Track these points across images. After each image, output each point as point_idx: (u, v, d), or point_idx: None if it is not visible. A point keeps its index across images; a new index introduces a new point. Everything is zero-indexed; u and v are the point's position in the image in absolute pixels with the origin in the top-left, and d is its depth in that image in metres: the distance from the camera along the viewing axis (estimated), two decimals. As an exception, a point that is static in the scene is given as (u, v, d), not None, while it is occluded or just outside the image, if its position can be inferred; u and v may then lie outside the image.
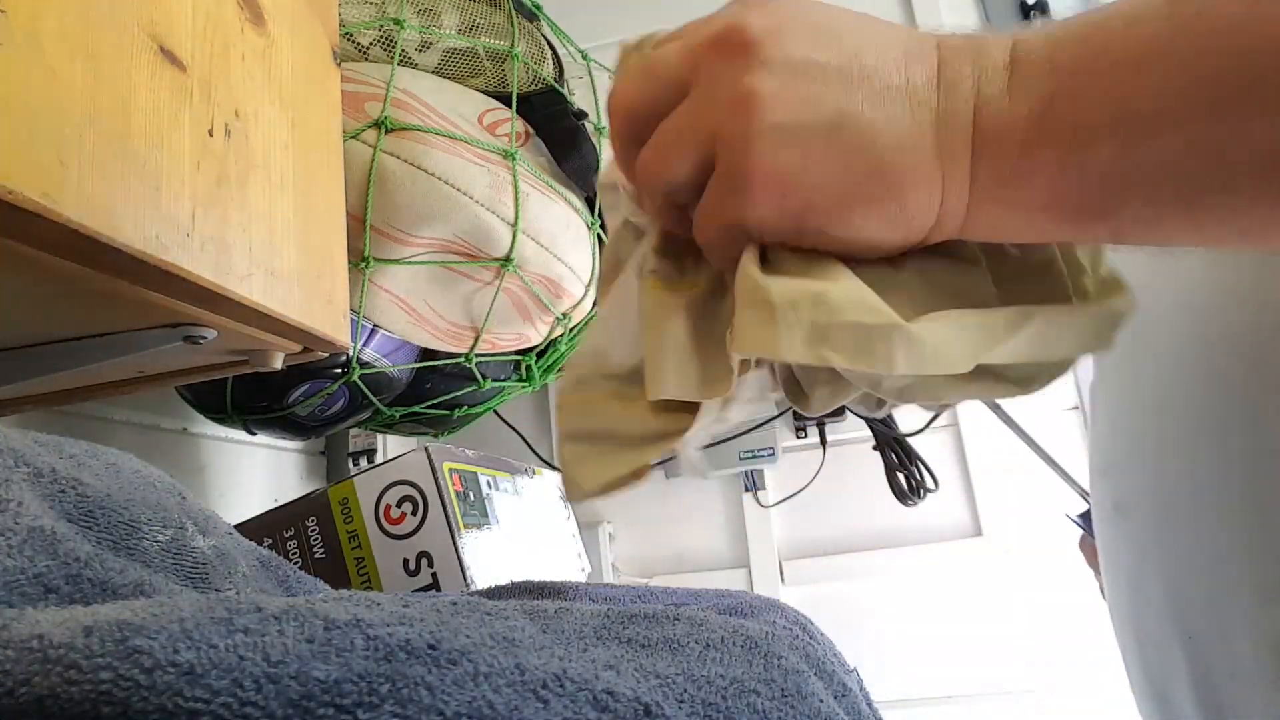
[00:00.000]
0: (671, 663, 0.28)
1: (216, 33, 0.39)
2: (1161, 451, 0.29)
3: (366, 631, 0.21)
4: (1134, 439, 0.31)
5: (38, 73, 0.28)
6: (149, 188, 0.33)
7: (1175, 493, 0.28)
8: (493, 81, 0.65)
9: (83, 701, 0.16)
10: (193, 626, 0.19)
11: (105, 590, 0.24)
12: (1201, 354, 0.27)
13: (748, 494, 1.10)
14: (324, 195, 0.48)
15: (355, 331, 0.62)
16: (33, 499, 0.25)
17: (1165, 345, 0.29)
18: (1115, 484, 0.32)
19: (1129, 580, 0.31)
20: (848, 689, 0.34)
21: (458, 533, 0.60)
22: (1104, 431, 0.33)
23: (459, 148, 0.58)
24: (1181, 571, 0.28)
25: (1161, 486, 0.29)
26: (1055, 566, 1.00)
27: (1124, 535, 0.31)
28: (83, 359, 0.39)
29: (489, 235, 0.59)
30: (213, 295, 0.37)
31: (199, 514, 0.33)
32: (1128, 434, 0.31)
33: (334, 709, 0.18)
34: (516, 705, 0.20)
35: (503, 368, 0.79)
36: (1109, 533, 0.33)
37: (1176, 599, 0.28)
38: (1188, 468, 0.27)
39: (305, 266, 0.44)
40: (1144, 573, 0.30)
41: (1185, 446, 0.27)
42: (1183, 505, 0.27)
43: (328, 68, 0.51)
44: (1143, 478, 0.30)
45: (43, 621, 0.18)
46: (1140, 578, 0.30)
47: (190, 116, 0.36)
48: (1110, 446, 0.32)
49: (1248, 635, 0.25)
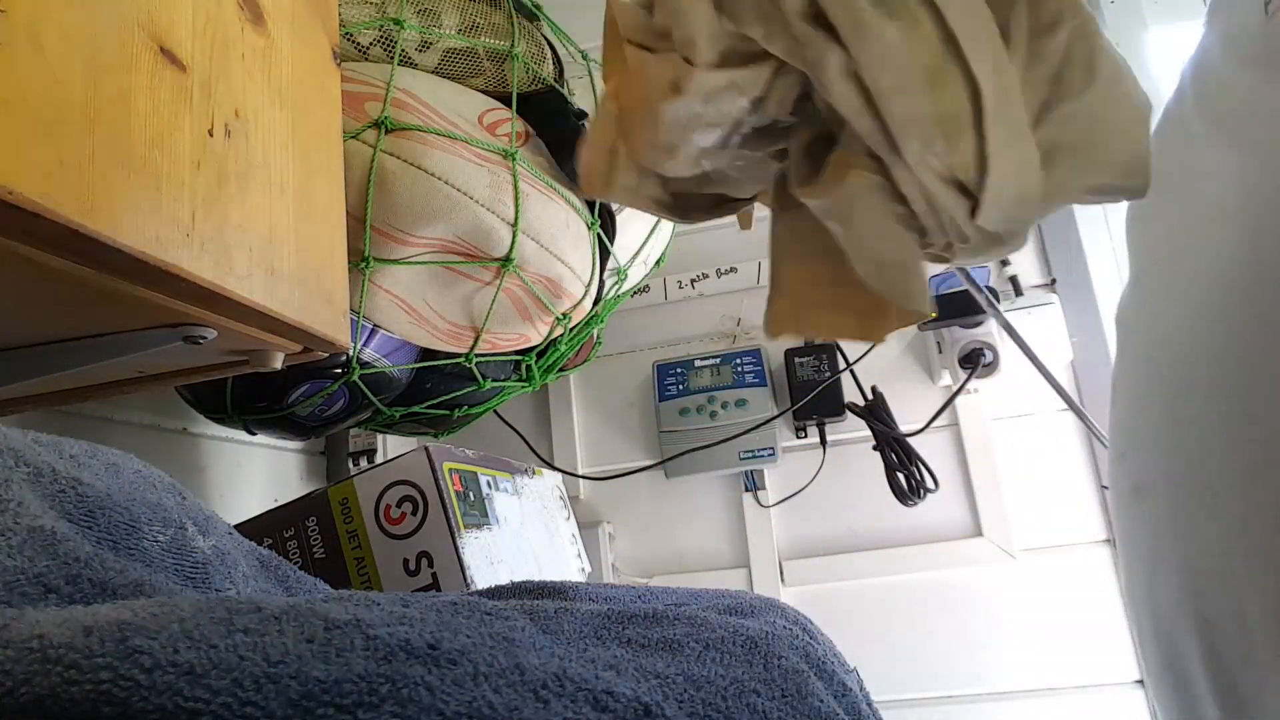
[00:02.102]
0: (671, 663, 0.28)
1: (216, 33, 0.39)
2: (1181, 432, 0.29)
3: (366, 631, 0.21)
4: (1154, 421, 0.30)
5: (38, 73, 0.28)
6: (149, 188, 0.33)
7: (1194, 473, 0.28)
8: (493, 81, 0.65)
9: (83, 701, 0.16)
10: (193, 626, 0.19)
11: (105, 590, 0.24)
12: (1224, 333, 0.27)
13: (748, 494, 1.10)
14: (324, 195, 0.48)
15: (355, 331, 0.62)
16: (33, 499, 0.25)
17: (1189, 325, 0.29)
18: (1134, 466, 0.32)
19: (1145, 564, 0.31)
20: (848, 689, 0.34)
21: (458, 533, 0.60)
22: (1124, 415, 0.33)
23: (459, 148, 0.58)
24: (1198, 552, 0.28)
25: (1181, 467, 0.29)
26: (1055, 566, 1.00)
27: (1141, 518, 0.31)
28: (83, 359, 0.39)
29: (489, 235, 0.59)
30: (213, 295, 0.37)
31: (199, 514, 0.33)
32: (1148, 416, 0.31)
33: (334, 709, 0.18)
34: (516, 705, 0.20)
35: (503, 368, 0.79)
36: (1127, 517, 0.33)
37: (1192, 580, 0.28)
38: (1207, 447, 0.27)
39: (305, 266, 0.44)
40: (1160, 555, 0.30)
41: (1206, 426, 0.27)
42: (1201, 485, 0.27)
43: (328, 68, 0.51)
44: (1164, 459, 0.30)
45: (43, 621, 0.18)
46: (1157, 561, 0.30)
47: (190, 116, 0.36)
48: (1131, 429, 0.32)
49: (1262, 614, 0.25)
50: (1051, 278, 1.07)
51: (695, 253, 1.18)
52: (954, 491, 1.04)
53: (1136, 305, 0.33)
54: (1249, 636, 0.25)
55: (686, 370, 1.11)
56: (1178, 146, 0.31)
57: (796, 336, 0.29)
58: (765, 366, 1.10)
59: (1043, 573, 1.00)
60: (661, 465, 1.09)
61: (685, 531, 1.12)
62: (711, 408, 1.08)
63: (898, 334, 1.08)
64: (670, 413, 1.10)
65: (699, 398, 1.09)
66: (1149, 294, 0.33)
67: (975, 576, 1.02)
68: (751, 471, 1.10)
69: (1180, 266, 0.30)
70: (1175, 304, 0.30)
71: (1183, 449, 0.28)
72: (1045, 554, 1.00)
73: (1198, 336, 0.28)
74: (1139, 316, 0.33)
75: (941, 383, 1.06)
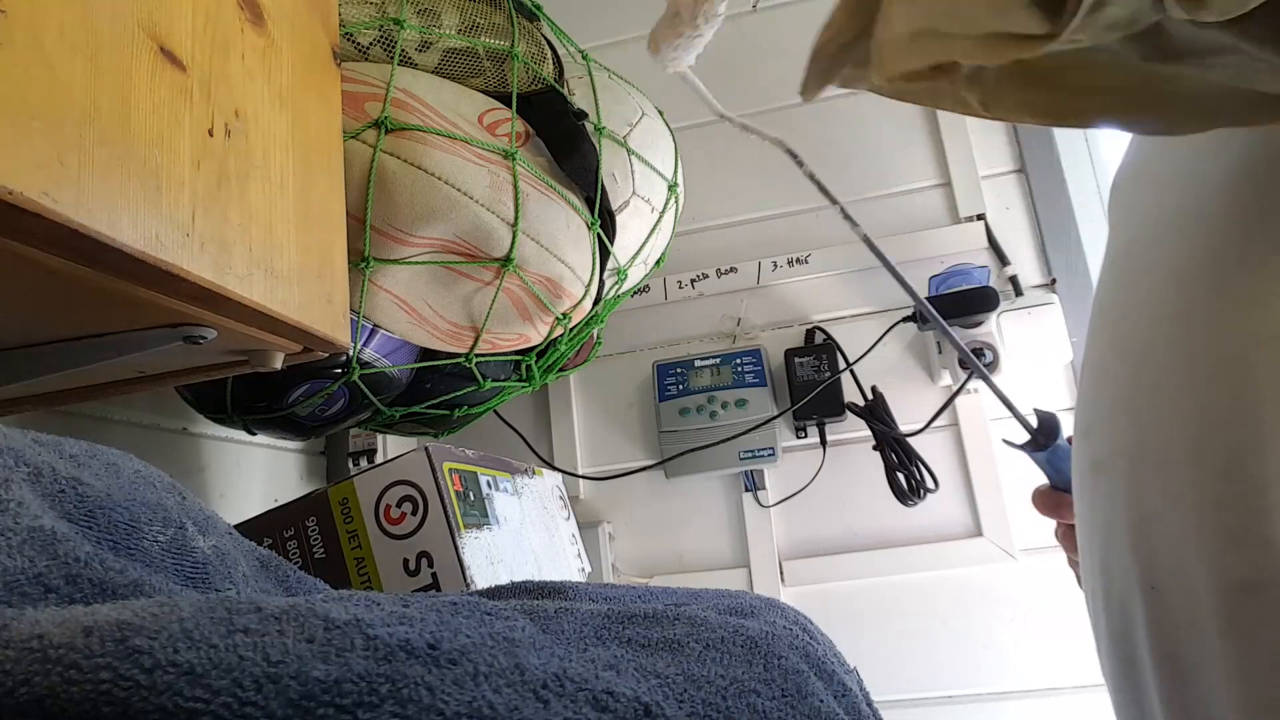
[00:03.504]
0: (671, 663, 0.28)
1: (216, 33, 0.39)
2: (1140, 406, 0.29)
3: (366, 631, 0.21)
4: (1115, 396, 0.31)
5: (38, 72, 0.28)
6: (149, 188, 0.33)
7: (1150, 446, 0.28)
8: (493, 81, 0.65)
9: (83, 701, 0.16)
10: (193, 626, 0.19)
11: (105, 590, 0.24)
12: (1186, 315, 0.27)
13: (748, 494, 1.10)
14: (324, 195, 0.48)
15: (355, 331, 0.62)
16: (33, 499, 0.25)
17: (1154, 307, 0.29)
18: (1095, 443, 0.32)
19: (1101, 539, 0.31)
20: (848, 689, 0.34)
21: (458, 533, 0.60)
22: (1089, 392, 0.33)
23: (459, 148, 0.58)
24: (1151, 522, 0.28)
25: (1138, 440, 0.29)
26: (1055, 566, 1.00)
27: (1100, 493, 0.31)
28: (83, 359, 0.39)
29: (489, 235, 0.59)
30: (212, 295, 0.37)
31: (199, 514, 0.33)
32: (1111, 391, 0.31)
33: (334, 709, 0.18)
34: (516, 705, 0.20)
35: (503, 368, 0.79)
36: (1086, 494, 0.33)
37: (1144, 549, 0.29)
38: (1163, 421, 0.28)
39: (305, 266, 0.44)
40: (1114, 529, 0.30)
41: (1164, 402, 0.28)
42: (1156, 457, 0.28)
43: (328, 68, 0.51)
44: (1123, 434, 0.30)
45: (43, 621, 0.18)
46: (1110, 534, 0.30)
47: (190, 116, 0.36)
48: (1094, 405, 0.33)
49: (1207, 579, 0.25)
50: (1051, 278, 1.07)
51: (695, 253, 1.18)
52: (954, 491, 1.04)
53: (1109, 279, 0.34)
54: (1194, 603, 0.26)
55: (686, 370, 1.11)
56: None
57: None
58: (765, 366, 1.10)
59: (1043, 573, 1.00)
60: (661, 465, 1.09)
61: (685, 531, 1.12)
62: (711, 408, 1.08)
63: (897, 334, 1.08)
64: (670, 413, 1.10)
65: (699, 398, 1.09)
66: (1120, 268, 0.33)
67: (975, 576, 1.02)
68: (751, 471, 1.10)
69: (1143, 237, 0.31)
70: (1140, 277, 0.30)
71: (1140, 424, 0.29)
72: (1045, 554, 1.00)
73: (1162, 309, 0.28)
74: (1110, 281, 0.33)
75: (941, 383, 1.06)
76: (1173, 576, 0.27)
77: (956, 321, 0.98)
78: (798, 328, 1.14)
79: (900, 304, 1.10)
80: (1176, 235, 0.29)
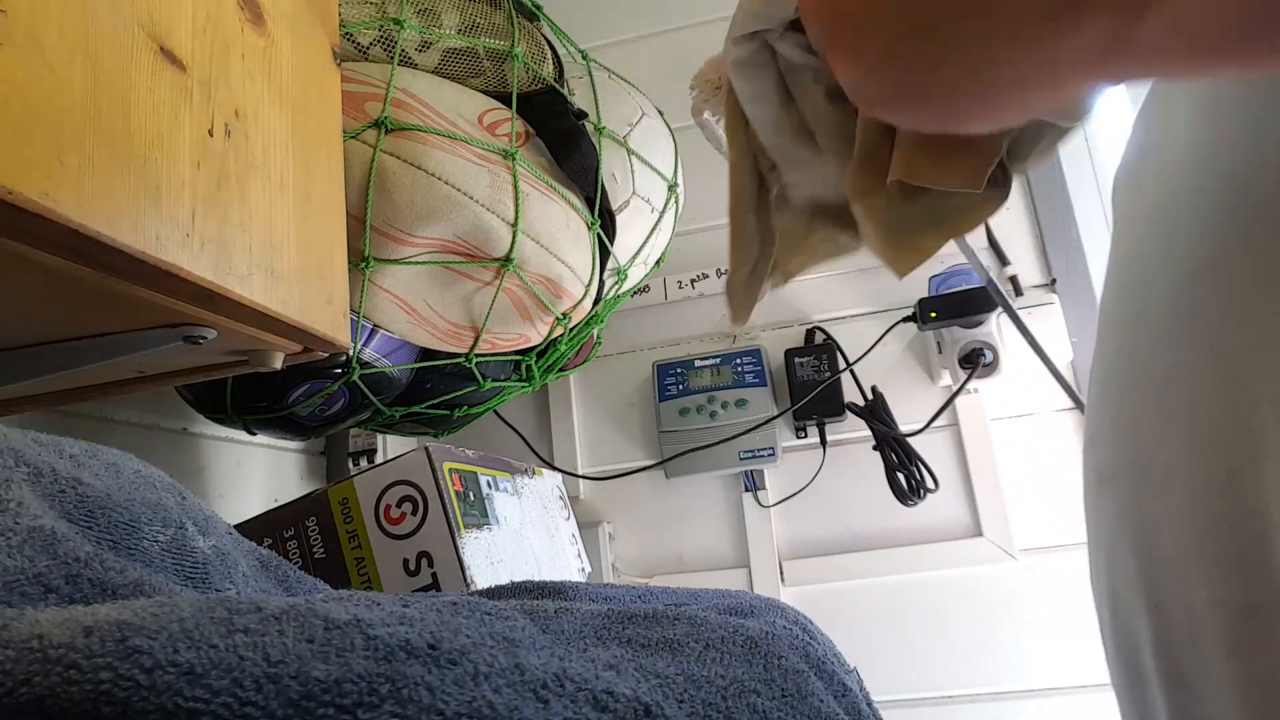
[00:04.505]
0: (671, 663, 0.28)
1: (216, 33, 0.39)
2: (1143, 422, 0.29)
3: (366, 631, 0.21)
4: (1120, 409, 0.31)
5: (38, 72, 0.28)
6: (149, 188, 0.33)
7: (1151, 463, 0.28)
8: (493, 81, 0.65)
9: (83, 701, 0.16)
10: (193, 626, 0.19)
11: (105, 590, 0.24)
12: (1186, 327, 0.27)
13: (748, 494, 1.10)
14: (324, 195, 0.48)
15: (355, 331, 0.62)
16: (33, 499, 0.25)
17: (1156, 317, 0.29)
18: (1100, 454, 0.32)
19: (1107, 551, 0.32)
20: (848, 689, 0.34)
21: (458, 533, 0.60)
22: (1095, 403, 0.33)
23: (459, 148, 0.58)
24: (1152, 540, 0.28)
25: (1140, 456, 0.29)
26: (1055, 566, 1.00)
27: (1105, 505, 0.32)
28: (83, 359, 0.39)
29: (489, 235, 0.59)
30: (212, 295, 0.37)
31: (199, 514, 0.33)
32: (1115, 404, 0.31)
33: (334, 709, 0.18)
34: (516, 705, 0.20)
35: (503, 368, 0.79)
36: (1092, 504, 0.33)
37: (1146, 568, 0.29)
38: (1164, 437, 0.28)
39: (305, 266, 0.44)
40: (1119, 543, 0.30)
41: (1165, 416, 0.28)
42: (1158, 475, 0.28)
43: (328, 68, 0.51)
44: (1126, 448, 0.30)
45: (43, 621, 0.18)
46: (1115, 548, 0.31)
47: (190, 116, 0.36)
48: (1099, 417, 0.33)
49: (1209, 603, 0.25)
50: (1051, 278, 1.07)
51: (695, 253, 1.18)
52: (954, 491, 1.04)
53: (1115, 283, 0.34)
54: (1196, 624, 0.26)
55: (686, 370, 1.11)
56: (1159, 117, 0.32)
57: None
58: (765, 366, 1.10)
59: (1043, 573, 1.00)
60: (661, 465, 1.09)
61: (685, 531, 1.12)
62: (711, 408, 1.08)
63: (897, 334, 1.08)
64: (670, 413, 1.10)
65: (699, 398, 1.09)
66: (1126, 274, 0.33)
67: (975, 576, 1.02)
68: (751, 471, 1.09)
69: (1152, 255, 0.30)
70: (1146, 293, 0.30)
71: (1142, 440, 0.29)
72: (1045, 554, 1.00)
73: (1165, 328, 0.28)
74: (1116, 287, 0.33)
75: (941, 383, 1.06)
76: (1175, 596, 0.27)
77: (957, 322, 0.98)
78: (798, 328, 1.14)
79: (900, 304, 1.10)
80: (1178, 240, 0.29)
